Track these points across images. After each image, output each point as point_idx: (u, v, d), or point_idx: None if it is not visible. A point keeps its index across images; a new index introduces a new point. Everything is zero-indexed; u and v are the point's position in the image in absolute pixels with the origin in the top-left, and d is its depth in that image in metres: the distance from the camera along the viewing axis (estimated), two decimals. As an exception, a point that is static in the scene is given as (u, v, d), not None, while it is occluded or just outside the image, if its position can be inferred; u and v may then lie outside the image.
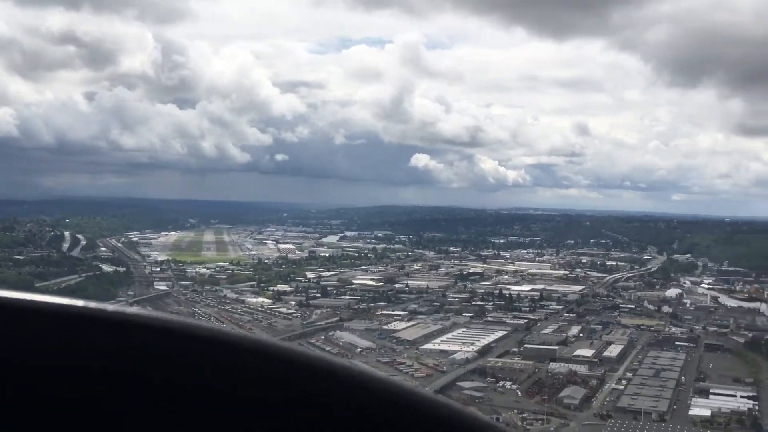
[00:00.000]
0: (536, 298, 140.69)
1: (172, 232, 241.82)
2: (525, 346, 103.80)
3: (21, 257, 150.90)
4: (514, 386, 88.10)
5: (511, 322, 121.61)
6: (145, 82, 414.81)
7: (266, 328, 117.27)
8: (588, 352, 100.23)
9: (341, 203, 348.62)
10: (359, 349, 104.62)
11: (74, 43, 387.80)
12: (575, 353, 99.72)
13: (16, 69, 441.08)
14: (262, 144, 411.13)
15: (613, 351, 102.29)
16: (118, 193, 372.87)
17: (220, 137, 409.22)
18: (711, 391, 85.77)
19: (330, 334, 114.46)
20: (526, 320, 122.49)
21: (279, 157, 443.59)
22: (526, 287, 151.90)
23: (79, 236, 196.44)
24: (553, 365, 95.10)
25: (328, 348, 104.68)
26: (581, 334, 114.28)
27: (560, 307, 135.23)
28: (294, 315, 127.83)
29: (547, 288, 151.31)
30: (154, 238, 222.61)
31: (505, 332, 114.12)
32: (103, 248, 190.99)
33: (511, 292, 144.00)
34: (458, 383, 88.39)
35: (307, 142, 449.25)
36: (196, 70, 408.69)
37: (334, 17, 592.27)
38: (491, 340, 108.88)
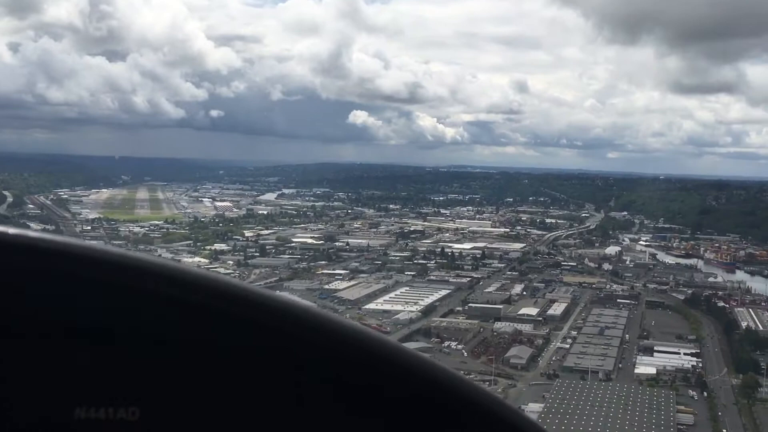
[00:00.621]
0: (478, 256, 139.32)
1: (103, 190, 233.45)
2: (469, 305, 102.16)
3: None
4: (459, 346, 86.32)
5: (454, 280, 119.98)
6: (72, 32, 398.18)
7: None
8: (532, 311, 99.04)
9: (279, 160, 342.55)
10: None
11: None
12: (520, 312, 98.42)
13: None
14: (197, 99, 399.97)
15: (557, 309, 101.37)
16: (46, 149, 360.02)
17: (153, 92, 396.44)
18: (655, 348, 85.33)
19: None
20: (468, 279, 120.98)
21: (214, 113, 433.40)
22: (467, 245, 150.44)
23: (5, 193, 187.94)
24: (498, 324, 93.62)
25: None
26: (524, 293, 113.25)
27: (502, 265, 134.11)
28: (232, 275, 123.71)
29: (489, 246, 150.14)
30: (84, 196, 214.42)
31: (448, 291, 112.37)
32: (30, 206, 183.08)
33: (453, 251, 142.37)
34: (402, 343, 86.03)
35: (243, 97, 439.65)
36: (126, 20, 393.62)
37: None
38: (435, 299, 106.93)
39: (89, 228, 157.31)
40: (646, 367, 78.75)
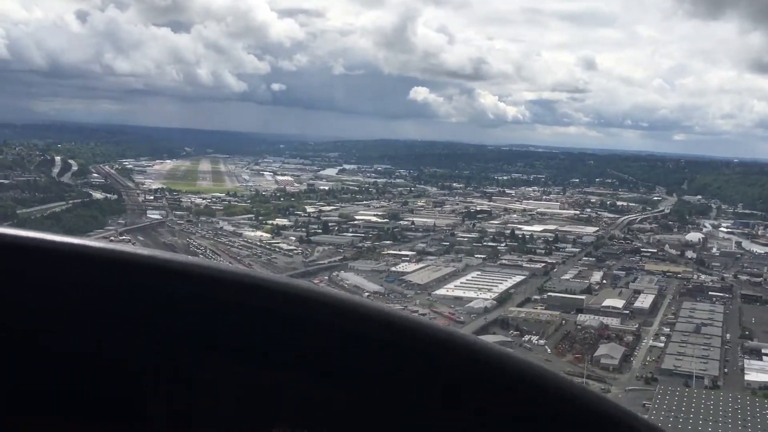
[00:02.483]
0: (550, 239, 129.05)
1: (167, 161, 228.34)
2: (548, 294, 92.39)
3: (6, 181, 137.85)
4: (541, 341, 76.91)
5: (528, 265, 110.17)
6: (137, 1, 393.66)
7: (266, 264, 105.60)
8: (617, 303, 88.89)
9: (338, 136, 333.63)
10: (366, 293, 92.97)
11: None
12: (604, 303, 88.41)
13: None
14: (259, 72, 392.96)
15: (643, 301, 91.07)
16: (112, 120, 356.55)
17: (216, 64, 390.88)
18: (763, 351, 74.62)
19: (334, 274, 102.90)
20: (543, 264, 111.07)
21: (276, 86, 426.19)
22: (537, 227, 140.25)
23: (71, 162, 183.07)
24: (581, 317, 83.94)
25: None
26: (604, 281, 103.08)
27: (576, 249, 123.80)
28: (295, 251, 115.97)
29: (560, 229, 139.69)
30: (148, 166, 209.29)
31: (522, 277, 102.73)
32: (95, 174, 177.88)
33: (524, 233, 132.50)
34: (479, 336, 77.00)
35: (304, 71, 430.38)
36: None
37: None
38: (509, 285, 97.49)
39: (152, 198, 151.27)
40: (757, 373, 68.27)
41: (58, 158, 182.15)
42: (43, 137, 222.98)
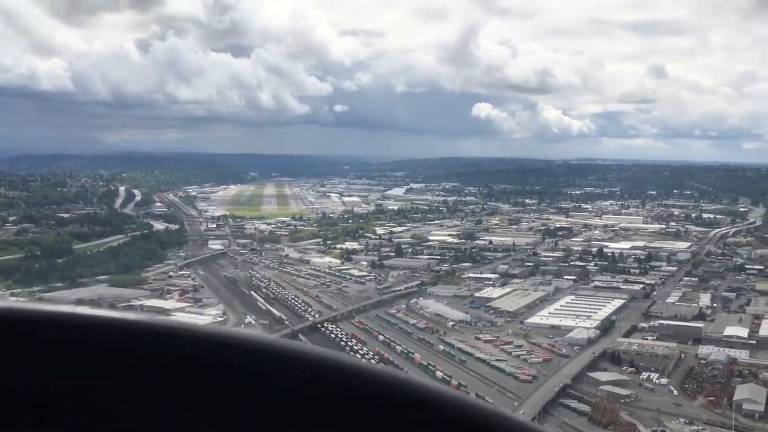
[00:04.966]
0: (642, 257, 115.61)
1: (231, 186, 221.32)
2: (659, 322, 79.23)
3: (66, 215, 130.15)
4: (663, 380, 64.00)
5: (624, 287, 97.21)
6: (195, 25, 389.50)
7: (336, 294, 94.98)
8: (741, 331, 75.37)
9: (402, 155, 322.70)
10: (451, 323, 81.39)
11: None
12: (725, 333, 74.99)
13: (58, 14, 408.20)
14: (321, 94, 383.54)
15: (769, 328, 77.46)
16: (177, 148, 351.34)
17: (278, 87, 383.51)
18: None
19: (412, 302, 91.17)
20: (641, 286, 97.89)
21: (338, 107, 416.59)
22: (624, 244, 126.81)
23: (135, 191, 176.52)
24: (702, 349, 70.84)
25: (413, 321, 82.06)
26: (715, 304, 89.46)
27: (673, 268, 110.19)
28: (367, 278, 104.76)
29: (650, 245, 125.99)
30: (212, 192, 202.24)
31: (621, 301, 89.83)
32: (158, 203, 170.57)
33: (612, 251, 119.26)
34: (590, 374, 64.68)
35: (366, 91, 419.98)
36: (248, 12, 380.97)
37: None
38: (609, 311, 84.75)
39: (214, 226, 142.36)
40: None
41: (122, 188, 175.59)
42: (110, 168, 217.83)
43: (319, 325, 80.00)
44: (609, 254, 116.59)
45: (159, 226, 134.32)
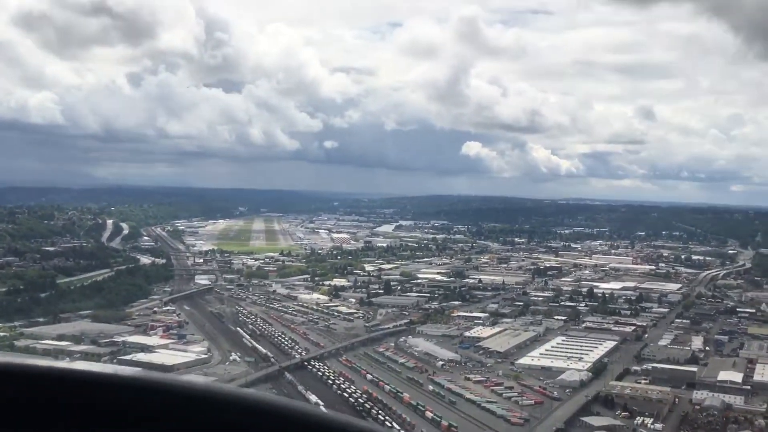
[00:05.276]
0: (632, 298, 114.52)
1: (220, 221, 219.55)
2: (651, 365, 77.65)
3: (52, 248, 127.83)
4: (657, 425, 62.20)
5: (616, 329, 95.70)
6: (187, 60, 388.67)
7: (323, 332, 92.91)
8: (735, 376, 73.77)
9: (392, 192, 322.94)
10: (441, 362, 79.48)
11: (108, 14, 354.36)
12: (719, 377, 73.36)
13: (50, 47, 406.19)
14: (311, 130, 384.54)
15: (764, 374, 75.83)
16: (167, 182, 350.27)
17: (268, 123, 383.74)
18: None
19: (401, 340, 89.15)
20: (632, 327, 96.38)
21: (328, 144, 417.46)
22: (614, 284, 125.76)
23: (123, 225, 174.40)
24: (696, 394, 69.14)
25: (401, 360, 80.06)
26: (707, 348, 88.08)
27: (665, 310, 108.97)
28: (355, 315, 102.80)
29: (640, 286, 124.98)
30: (201, 227, 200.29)
31: (613, 343, 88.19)
32: (146, 237, 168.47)
33: (602, 291, 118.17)
34: (582, 418, 62.81)
35: (356, 128, 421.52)
36: (241, 48, 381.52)
37: (384, 2, 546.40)
38: (601, 354, 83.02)
39: (201, 261, 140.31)
40: None
41: (110, 222, 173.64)
42: (99, 201, 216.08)
43: (306, 363, 77.88)
44: (599, 295, 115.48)
45: (145, 260, 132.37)
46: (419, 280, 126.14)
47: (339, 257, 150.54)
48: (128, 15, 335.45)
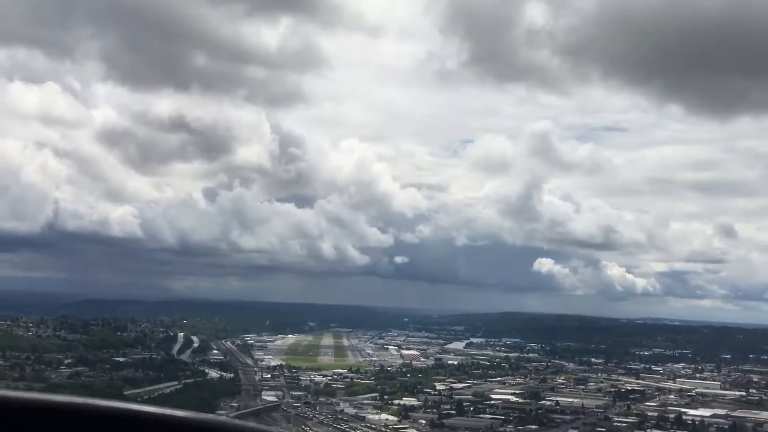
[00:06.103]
0: (725, 427, 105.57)
1: (289, 335, 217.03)
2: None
3: (122, 359, 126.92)
4: None
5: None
6: (262, 175, 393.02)
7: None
8: None
9: (462, 309, 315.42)
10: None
11: (186, 130, 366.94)
12: None
13: (131, 162, 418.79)
14: (382, 245, 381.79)
15: None
16: (238, 295, 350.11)
17: (339, 238, 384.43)
18: None
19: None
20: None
21: (398, 259, 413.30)
22: (704, 411, 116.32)
23: (193, 338, 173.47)
24: None
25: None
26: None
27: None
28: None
29: (731, 413, 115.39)
30: (270, 341, 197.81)
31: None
32: (215, 351, 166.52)
33: (692, 418, 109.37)
34: None
35: (427, 243, 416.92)
36: (314, 163, 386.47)
37: (456, 120, 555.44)
38: (696, 488, 75.36)
39: (269, 376, 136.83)
40: None
41: (181, 334, 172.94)
42: (172, 313, 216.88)
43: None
44: (689, 422, 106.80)
45: (214, 374, 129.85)
46: (493, 401, 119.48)
47: (408, 375, 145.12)
48: (205, 131, 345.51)
